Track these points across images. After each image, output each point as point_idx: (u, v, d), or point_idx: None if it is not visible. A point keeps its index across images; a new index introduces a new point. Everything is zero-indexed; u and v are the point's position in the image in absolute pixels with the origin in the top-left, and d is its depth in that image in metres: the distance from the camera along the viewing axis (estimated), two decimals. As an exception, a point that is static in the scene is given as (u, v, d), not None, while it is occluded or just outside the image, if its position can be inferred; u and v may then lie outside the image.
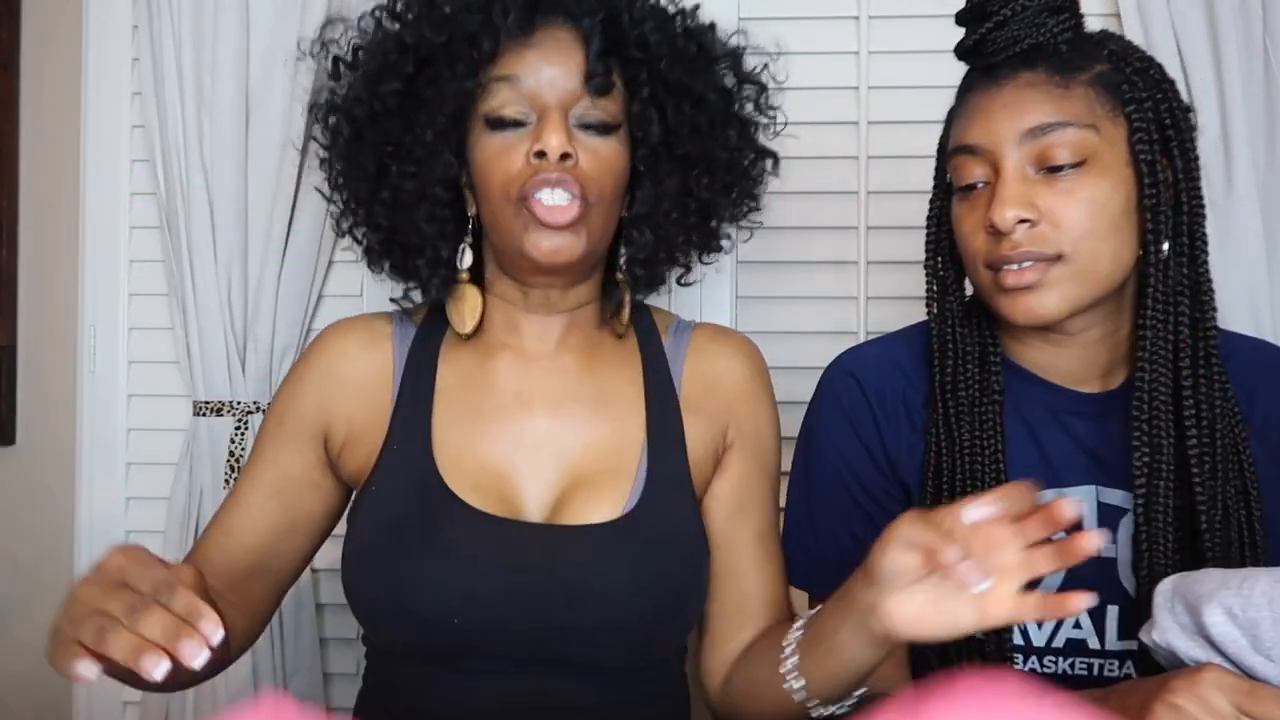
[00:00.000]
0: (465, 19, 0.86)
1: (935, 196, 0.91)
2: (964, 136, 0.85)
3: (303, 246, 1.37)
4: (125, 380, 1.44)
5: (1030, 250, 0.80)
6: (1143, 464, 0.81)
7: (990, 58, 0.84)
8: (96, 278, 1.44)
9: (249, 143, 1.36)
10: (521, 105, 0.86)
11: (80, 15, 1.45)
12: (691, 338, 0.99)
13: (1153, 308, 0.82)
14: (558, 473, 0.90)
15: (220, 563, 0.90)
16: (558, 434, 0.91)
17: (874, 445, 0.91)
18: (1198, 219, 0.83)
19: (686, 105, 0.91)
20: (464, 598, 0.83)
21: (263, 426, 0.97)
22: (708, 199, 0.95)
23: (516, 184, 0.85)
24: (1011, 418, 0.88)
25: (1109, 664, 0.84)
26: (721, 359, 0.98)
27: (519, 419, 0.91)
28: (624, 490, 0.89)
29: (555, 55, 0.87)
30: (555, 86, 0.86)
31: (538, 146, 0.84)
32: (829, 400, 0.94)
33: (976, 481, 0.85)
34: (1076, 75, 0.81)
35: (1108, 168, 0.81)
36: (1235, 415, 0.83)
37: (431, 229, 0.91)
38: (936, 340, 0.90)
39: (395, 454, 0.90)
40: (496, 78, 0.87)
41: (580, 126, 0.87)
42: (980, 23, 0.84)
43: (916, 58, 1.39)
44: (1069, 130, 0.80)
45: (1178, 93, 0.84)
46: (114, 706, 1.43)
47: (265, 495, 0.93)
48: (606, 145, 0.88)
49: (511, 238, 0.88)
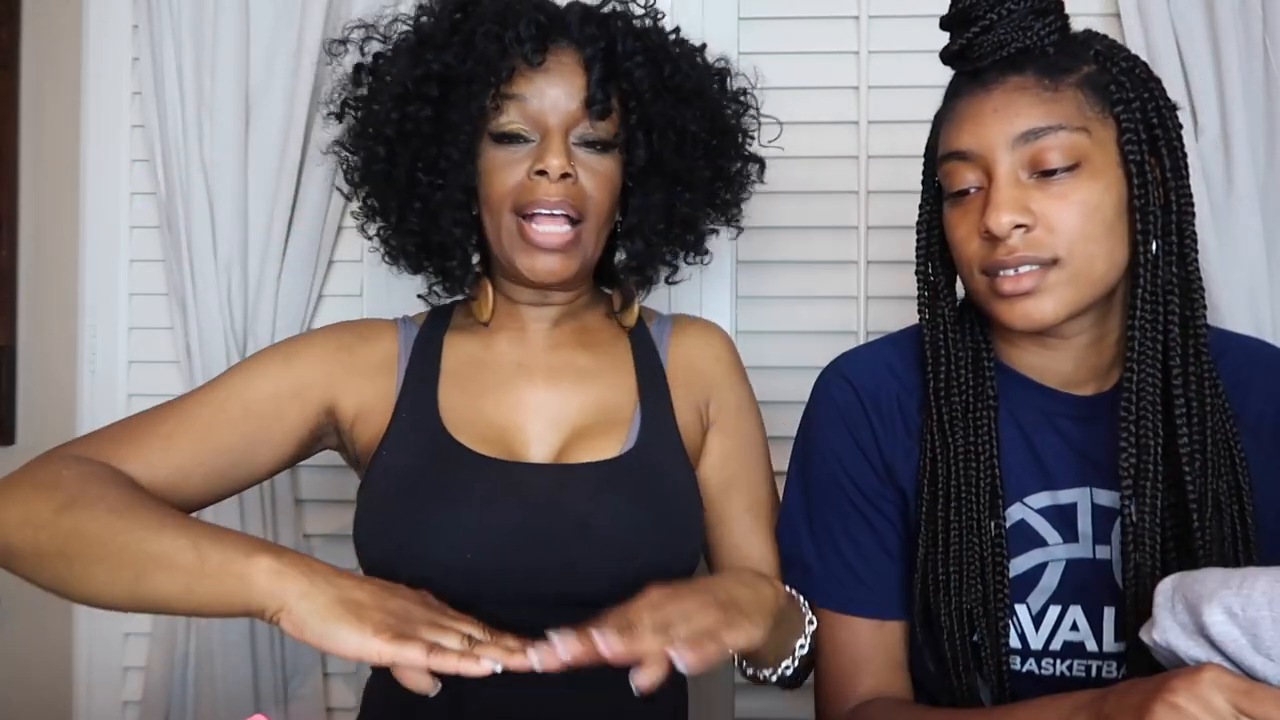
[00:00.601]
0: (485, 46, 0.92)
1: (924, 201, 0.91)
2: (954, 142, 0.84)
3: (303, 246, 1.37)
4: (125, 380, 1.45)
5: (1026, 255, 0.80)
6: (1129, 464, 0.81)
7: (977, 62, 0.84)
8: (96, 277, 1.45)
9: (249, 143, 1.36)
10: (526, 123, 0.93)
11: (80, 15, 1.45)
12: (673, 325, 1.08)
13: (1142, 307, 0.82)
14: (558, 428, 0.97)
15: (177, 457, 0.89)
16: (557, 398, 0.98)
17: (869, 449, 0.92)
18: (1186, 217, 0.83)
19: (671, 133, 0.98)
20: (476, 535, 0.88)
21: (258, 356, 0.97)
22: (690, 213, 1.03)
23: (515, 197, 0.93)
24: (1005, 421, 0.88)
25: (1106, 665, 0.85)
26: (699, 343, 1.06)
27: (521, 386, 0.99)
28: (620, 436, 0.96)
29: (559, 79, 0.93)
30: (558, 108, 0.93)
31: (540, 165, 0.92)
32: (824, 404, 0.95)
33: (971, 485, 0.85)
34: (1064, 78, 0.81)
35: (1099, 170, 0.81)
36: (1227, 412, 0.83)
37: (460, 232, 0.99)
38: (929, 345, 0.90)
39: (404, 421, 0.95)
40: (505, 96, 0.93)
41: (579, 144, 0.94)
42: (966, 27, 0.84)
43: (916, 57, 1.39)
44: (1061, 134, 0.80)
45: (1164, 91, 0.84)
46: (114, 706, 1.43)
47: (241, 411, 0.92)
48: (603, 162, 0.95)
49: (507, 249, 0.95)
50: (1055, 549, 0.86)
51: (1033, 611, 0.86)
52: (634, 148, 0.97)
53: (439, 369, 0.99)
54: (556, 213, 0.92)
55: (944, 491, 0.86)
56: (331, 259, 1.42)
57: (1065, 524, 0.86)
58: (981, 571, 0.84)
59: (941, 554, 0.85)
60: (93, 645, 1.43)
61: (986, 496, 0.85)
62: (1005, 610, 0.83)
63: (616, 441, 0.96)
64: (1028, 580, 0.86)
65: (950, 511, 0.85)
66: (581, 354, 1.02)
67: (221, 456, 0.90)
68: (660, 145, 0.97)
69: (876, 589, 0.90)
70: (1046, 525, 0.86)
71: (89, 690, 1.43)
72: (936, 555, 0.86)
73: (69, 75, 1.46)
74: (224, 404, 0.92)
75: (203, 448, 0.89)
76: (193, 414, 0.91)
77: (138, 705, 1.41)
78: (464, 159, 0.95)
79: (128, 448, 0.87)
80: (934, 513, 0.86)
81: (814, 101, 1.41)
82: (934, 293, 0.91)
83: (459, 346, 1.01)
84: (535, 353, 1.01)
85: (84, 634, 1.44)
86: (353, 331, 1.02)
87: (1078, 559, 0.85)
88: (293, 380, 0.95)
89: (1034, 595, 0.86)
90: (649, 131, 0.97)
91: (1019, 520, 0.86)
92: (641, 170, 0.98)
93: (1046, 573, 0.86)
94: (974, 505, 0.85)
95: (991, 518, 0.84)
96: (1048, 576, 0.86)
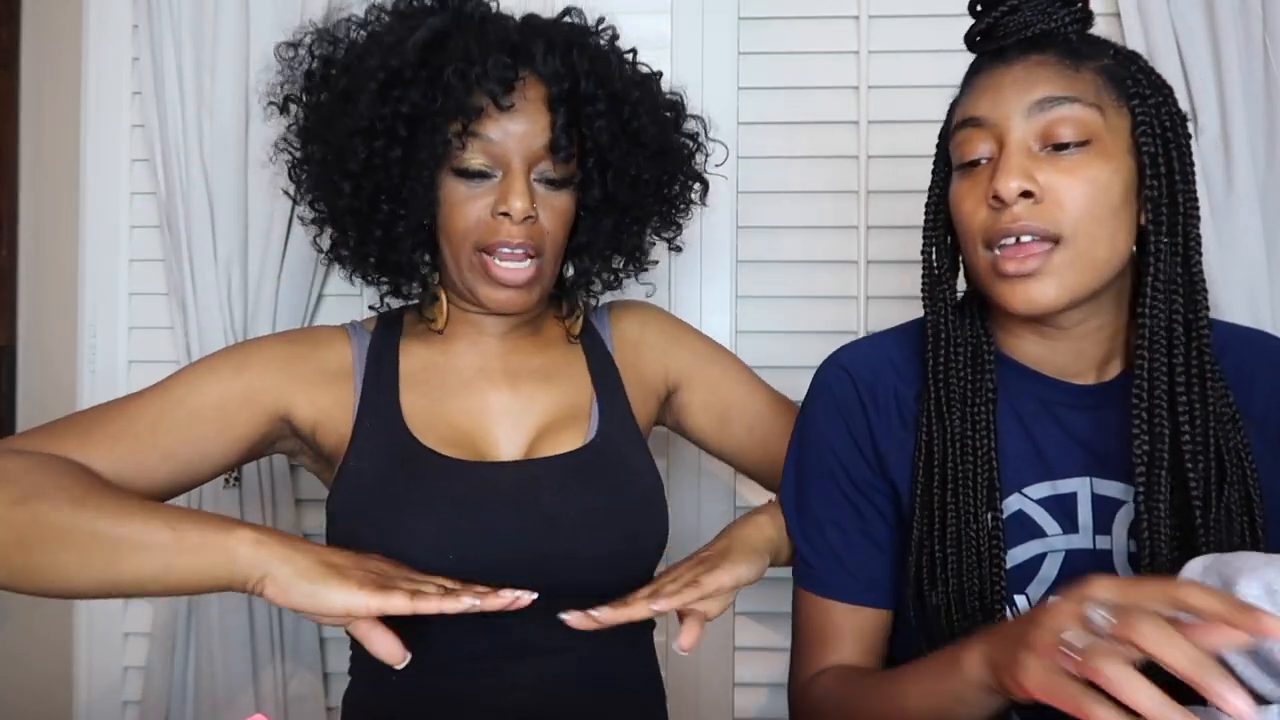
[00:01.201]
0: (453, 85, 0.91)
1: (934, 183, 0.93)
2: (970, 109, 0.86)
3: (302, 246, 1.37)
4: (125, 380, 1.45)
5: (1030, 224, 0.81)
6: (1143, 453, 0.82)
7: (1001, 41, 0.86)
8: (96, 277, 1.45)
9: (249, 142, 1.36)
10: (489, 160, 0.94)
11: (80, 15, 1.46)
12: (609, 313, 1.13)
13: (1152, 299, 0.83)
14: (523, 429, 0.99)
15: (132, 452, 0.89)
16: (519, 400, 1.00)
17: (863, 439, 0.92)
18: (1192, 221, 0.84)
19: (626, 175, 1.00)
20: (456, 536, 0.89)
21: (208, 360, 0.96)
22: (635, 238, 1.08)
23: (476, 234, 0.95)
24: (1004, 412, 0.89)
25: None
26: (635, 324, 1.12)
27: (483, 390, 1.00)
28: (581, 429, 0.99)
29: (524, 117, 0.94)
30: (522, 146, 0.94)
31: (503, 207, 0.93)
32: (822, 393, 0.96)
33: (968, 475, 0.86)
34: (1085, 62, 0.84)
35: (1110, 152, 0.82)
36: (1232, 410, 0.84)
37: (418, 255, 1.02)
38: (930, 330, 0.91)
39: (367, 429, 0.96)
40: (470, 134, 0.93)
41: (539, 180, 0.96)
42: (992, 9, 0.87)
43: (916, 57, 1.40)
44: (1076, 106, 0.81)
45: (1176, 100, 0.86)
46: (114, 706, 1.43)
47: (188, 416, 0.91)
48: (560, 198, 0.98)
49: (469, 280, 0.98)
50: (1054, 539, 0.86)
51: (1032, 602, 0.86)
52: (589, 186, 0.99)
53: (398, 375, 0.99)
54: (519, 254, 0.95)
55: (940, 481, 0.87)
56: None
57: (1064, 514, 0.87)
58: (978, 563, 0.85)
59: (938, 543, 0.86)
60: (93, 645, 1.44)
61: (984, 487, 0.85)
62: (1001, 602, 0.84)
63: (578, 435, 0.98)
64: (1026, 571, 0.86)
65: (947, 501, 0.86)
66: (536, 356, 1.04)
67: (165, 461, 0.90)
68: (615, 186, 1.00)
69: (857, 576, 0.92)
70: (1046, 515, 0.87)
71: (89, 690, 1.43)
72: (932, 545, 0.87)
73: (69, 75, 1.46)
74: (172, 409, 0.91)
75: (148, 451, 0.89)
76: (140, 415, 0.90)
77: (137, 705, 1.41)
78: (426, 192, 0.96)
79: (73, 443, 0.86)
80: (929, 502, 0.87)
81: (814, 101, 1.42)
82: (936, 278, 0.92)
83: (415, 353, 1.02)
84: (492, 358, 1.03)
85: (84, 634, 1.44)
86: (305, 340, 1.01)
87: (1078, 549, 0.86)
88: (242, 387, 0.94)
89: (1033, 586, 0.86)
90: (604, 172, 0.99)
91: (1017, 510, 0.87)
92: (594, 203, 1.01)
93: (1046, 563, 0.86)
94: (971, 496, 0.86)
95: (988, 508, 0.85)
96: (1047, 567, 0.86)
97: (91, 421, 0.89)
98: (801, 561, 0.95)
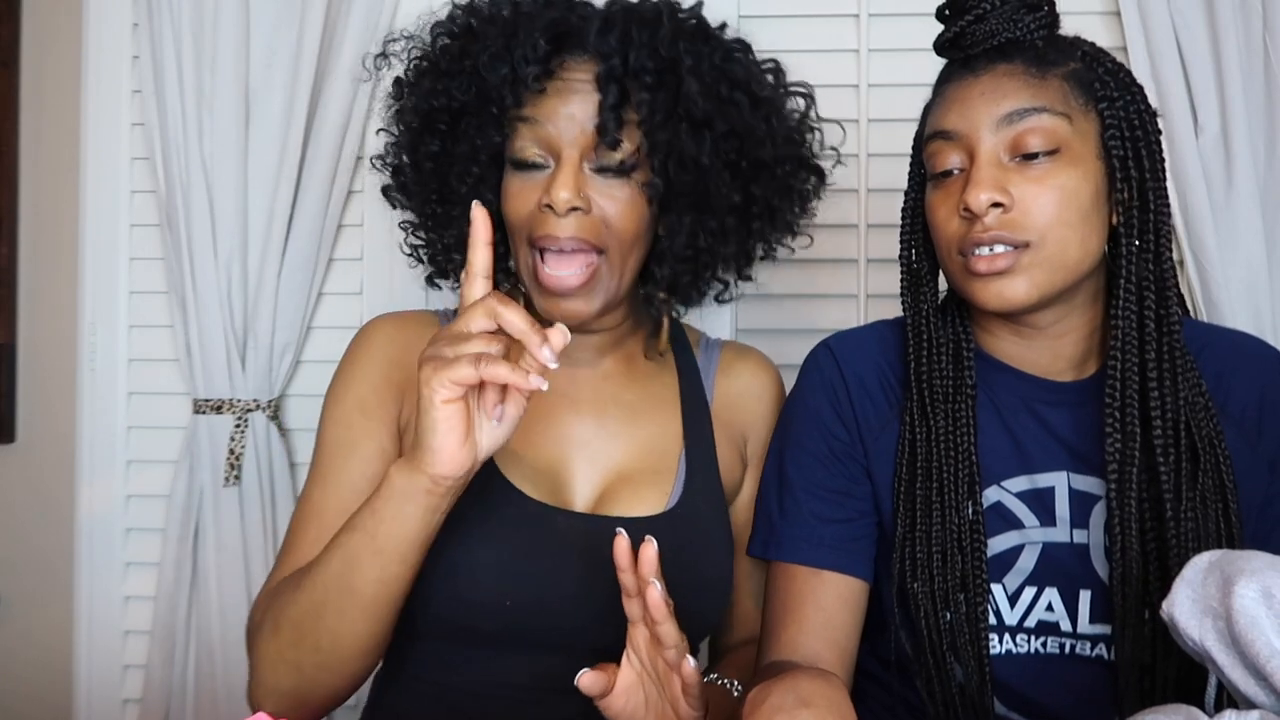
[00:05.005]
0: (491, 70, 0.89)
1: (910, 189, 0.96)
2: (940, 122, 0.89)
3: (303, 244, 1.38)
4: (125, 378, 1.47)
5: (1001, 234, 0.84)
6: (1114, 450, 0.86)
7: (968, 50, 0.89)
8: (96, 275, 1.47)
9: (249, 141, 1.38)
10: (540, 148, 0.90)
11: (80, 13, 1.48)
12: (721, 354, 1.07)
13: (1124, 299, 0.87)
14: (602, 470, 0.96)
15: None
16: (602, 435, 0.97)
17: (847, 416, 0.96)
18: (1162, 217, 0.88)
19: (685, 160, 0.91)
20: (517, 580, 0.88)
21: (334, 424, 0.94)
22: (717, 238, 0.97)
23: (527, 228, 0.91)
24: (984, 407, 0.92)
25: (1080, 645, 0.89)
26: (745, 376, 1.06)
27: (567, 419, 0.97)
28: (665, 489, 0.95)
29: (573, 99, 0.89)
30: (571, 132, 0.89)
31: (546, 199, 0.88)
32: (811, 370, 1.00)
33: (949, 468, 0.89)
34: (1051, 69, 0.87)
35: (1078, 158, 0.85)
36: (1207, 408, 0.87)
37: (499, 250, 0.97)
38: (911, 332, 0.95)
39: None
40: (518, 118, 0.91)
41: (596, 170, 0.90)
42: (959, 16, 0.89)
43: (916, 55, 1.39)
44: (1044, 116, 0.84)
45: (1146, 97, 0.89)
46: (114, 705, 1.44)
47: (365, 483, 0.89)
48: (623, 187, 0.91)
49: (528, 286, 0.94)
50: (1032, 531, 0.89)
51: (1008, 591, 0.89)
52: (654, 172, 0.92)
53: None
54: (568, 249, 0.89)
55: (923, 473, 0.90)
56: (331, 257, 1.44)
57: (1043, 508, 0.90)
58: (960, 552, 0.88)
59: (922, 535, 0.89)
60: (92, 644, 1.45)
61: (965, 480, 0.88)
62: (984, 591, 0.87)
63: (661, 493, 0.95)
64: (1004, 561, 0.89)
65: (931, 494, 0.89)
66: (628, 388, 1.00)
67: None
68: (675, 172, 0.91)
69: (828, 541, 0.92)
70: (1024, 508, 0.90)
71: (89, 689, 1.45)
72: (914, 536, 0.89)
73: (69, 73, 1.48)
74: (345, 490, 0.90)
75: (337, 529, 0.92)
76: (323, 510, 0.91)
77: (137, 703, 1.43)
78: (478, 187, 0.94)
79: (291, 563, 0.89)
80: (912, 494, 0.90)
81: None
82: (916, 280, 0.96)
83: None
84: (580, 384, 0.99)
85: (84, 633, 1.46)
86: (389, 337, 0.97)
87: (1055, 542, 0.89)
88: (378, 426, 0.93)
89: (1010, 576, 0.89)
90: (666, 158, 0.91)
91: (995, 502, 0.90)
92: (664, 194, 0.92)
93: (1023, 555, 0.89)
94: (952, 488, 0.89)
95: (969, 499, 0.88)
96: (1024, 558, 0.89)
97: (296, 538, 0.91)
98: (776, 531, 0.95)
